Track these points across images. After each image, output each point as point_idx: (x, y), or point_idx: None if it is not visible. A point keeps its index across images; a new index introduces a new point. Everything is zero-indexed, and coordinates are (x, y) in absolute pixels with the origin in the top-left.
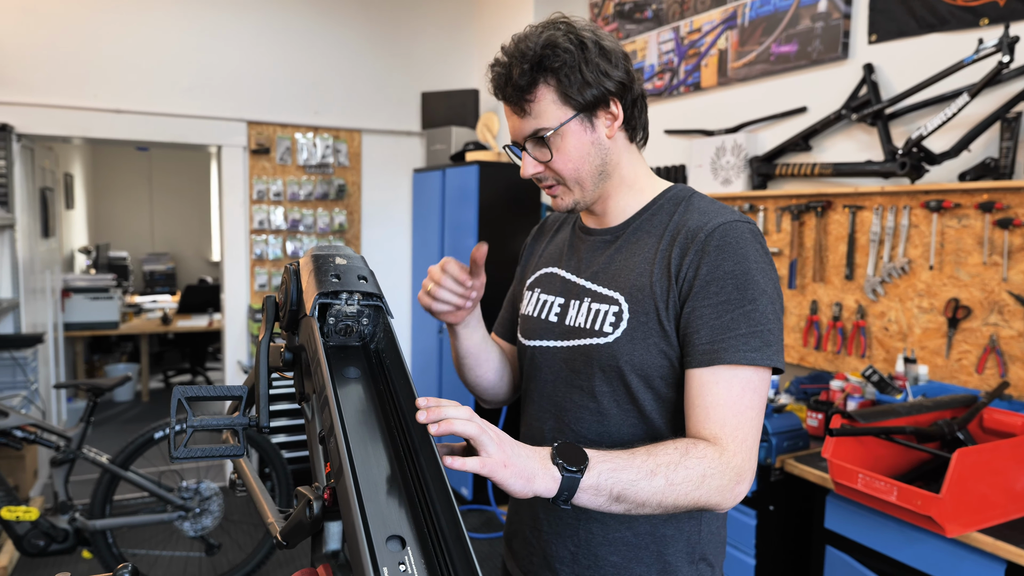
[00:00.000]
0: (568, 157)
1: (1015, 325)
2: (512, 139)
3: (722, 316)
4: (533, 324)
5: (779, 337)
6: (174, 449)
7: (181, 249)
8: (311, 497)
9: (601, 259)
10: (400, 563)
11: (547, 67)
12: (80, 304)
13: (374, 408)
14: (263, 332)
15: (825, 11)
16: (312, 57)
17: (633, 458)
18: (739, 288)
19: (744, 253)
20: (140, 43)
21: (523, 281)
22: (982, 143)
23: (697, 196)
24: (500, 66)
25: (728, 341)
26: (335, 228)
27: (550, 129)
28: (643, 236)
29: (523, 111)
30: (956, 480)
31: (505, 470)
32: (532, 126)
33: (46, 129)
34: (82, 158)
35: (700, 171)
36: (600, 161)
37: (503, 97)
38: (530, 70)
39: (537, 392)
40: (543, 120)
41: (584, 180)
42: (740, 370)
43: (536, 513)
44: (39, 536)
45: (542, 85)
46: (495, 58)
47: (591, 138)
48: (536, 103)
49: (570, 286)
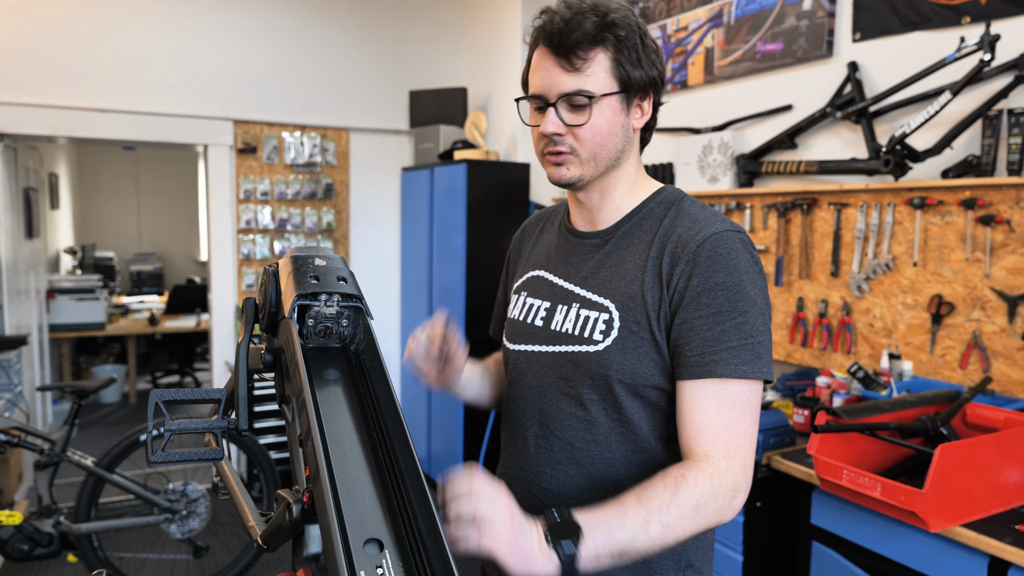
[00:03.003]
0: (597, 129)
1: (997, 321)
2: (538, 91)
3: (713, 328)
4: (518, 328)
5: (769, 349)
6: (151, 453)
7: (168, 249)
8: (291, 500)
9: (590, 264)
10: (378, 566)
11: (614, 32)
12: (65, 305)
13: (353, 410)
14: (242, 334)
15: (810, 9)
16: (299, 55)
17: (624, 511)
18: (730, 300)
19: (735, 264)
20: (125, 42)
21: (510, 284)
22: (964, 140)
23: (687, 200)
24: (563, 13)
25: (719, 353)
26: (323, 227)
27: (595, 94)
28: (633, 241)
29: (572, 67)
30: (939, 475)
31: (511, 554)
32: (577, 84)
33: (30, 129)
34: (67, 157)
35: (687, 169)
36: (621, 146)
37: (557, 43)
38: (599, 26)
39: (521, 397)
40: (591, 83)
41: (601, 158)
42: (731, 383)
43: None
44: (23, 540)
45: (602, 48)
46: (550, 8)
47: (623, 121)
48: (590, 63)
49: (558, 290)
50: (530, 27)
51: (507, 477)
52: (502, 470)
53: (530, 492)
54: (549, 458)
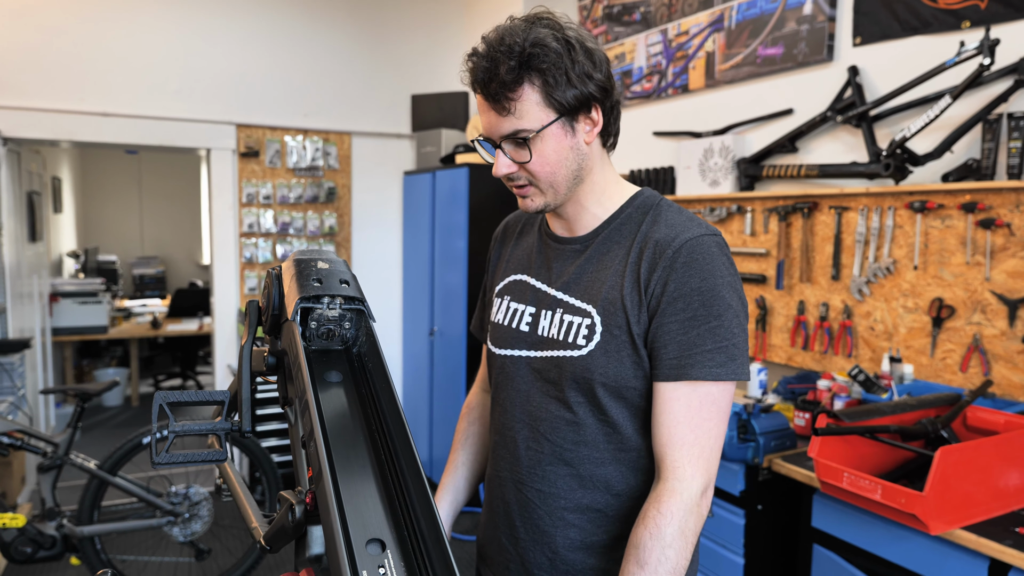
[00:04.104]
0: (546, 160)
1: (998, 324)
2: (485, 134)
3: (688, 332)
4: (504, 333)
5: (744, 350)
6: (155, 455)
7: (171, 253)
8: (293, 501)
9: (572, 269)
10: (380, 566)
11: (534, 66)
12: (68, 308)
13: (355, 412)
14: (246, 336)
15: (810, 14)
16: (301, 59)
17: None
18: (705, 304)
19: (711, 269)
20: (128, 46)
21: (492, 287)
22: (964, 144)
23: (664, 204)
24: (483, 59)
25: (694, 357)
26: (325, 231)
27: (531, 131)
28: (612, 247)
29: (504, 109)
30: (939, 478)
31: None
32: (512, 126)
33: (33, 133)
34: (70, 161)
35: (688, 173)
36: (576, 166)
37: (483, 92)
38: (516, 67)
39: (509, 401)
40: (525, 121)
41: (559, 184)
42: (701, 385)
43: (512, 520)
44: (26, 543)
45: (527, 84)
46: (475, 49)
47: (570, 143)
48: (519, 102)
49: (541, 296)
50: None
51: (499, 479)
52: (493, 472)
53: (522, 493)
54: (540, 460)
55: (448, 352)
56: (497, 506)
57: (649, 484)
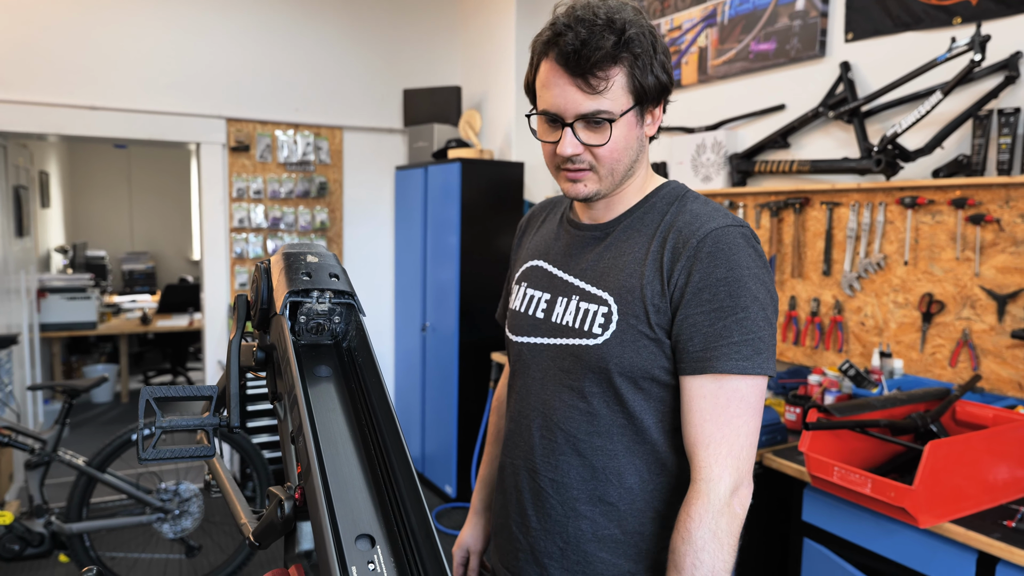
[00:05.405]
0: (616, 146)
1: (987, 319)
2: (553, 110)
3: (715, 324)
4: (520, 320)
5: (771, 344)
6: (143, 451)
7: (161, 248)
8: (282, 497)
9: (590, 256)
10: (369, 562)
11: (631, 48)
12: (57, 304)
13: (345, 407)
14: (234, 331)
15: (803, 9)
16: (292, 53)
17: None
18: (731, 295)
19: (736, 259)
20: (117, 39)
21: (513, 274)
22: (955, 140)
23: (691, 196)
24: (583, 26)
25: (720, 349)
26: (316, 226)
27: (614, 115)
28: (634, 235)
29: (590, 88)
30: (928, 472)
31: None
32: (595, 106)
33: (20, 126)
34: (58, 155)
35: (681, 168)
36: (636, 157)
37: (574, 64)
38: (616, 46)
39: (525, 388)
40: (609, 104)
41: (618, 172)
42: (729, 380)
43: (524, 509)
44: (14, 540)
45: (619, 66)
46: (573, 15)
47: (638, 132)
48: (608, 83)
49: (557, 282)
50: (538, 39)
51: (512, 466)
52: (506, 459)
53: (535, 481)
54: (553, 449)
55: (440, 348)
56: (510, 494)
57: (668, 481)
